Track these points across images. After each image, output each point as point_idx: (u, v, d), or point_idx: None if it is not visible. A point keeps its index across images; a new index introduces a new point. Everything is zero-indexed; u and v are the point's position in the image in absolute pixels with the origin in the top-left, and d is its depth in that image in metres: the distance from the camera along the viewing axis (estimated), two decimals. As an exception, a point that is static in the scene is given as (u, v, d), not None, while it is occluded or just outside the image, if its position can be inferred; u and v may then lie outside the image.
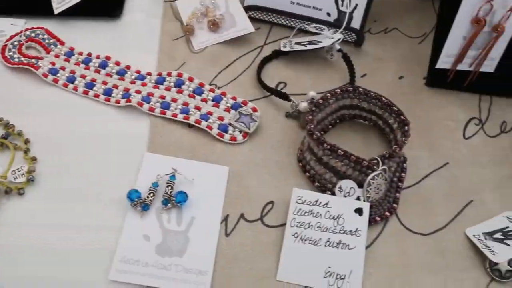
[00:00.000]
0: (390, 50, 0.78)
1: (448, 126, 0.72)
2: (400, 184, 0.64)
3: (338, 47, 0.72)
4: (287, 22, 0.77)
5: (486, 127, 0.73)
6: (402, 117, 0.63)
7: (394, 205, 0.62)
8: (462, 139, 0.71)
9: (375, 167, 0.59)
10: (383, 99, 0.64)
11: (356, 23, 0.76)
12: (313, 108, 0.62)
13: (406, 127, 0.62)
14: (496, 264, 0.59)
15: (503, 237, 0.61)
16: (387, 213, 0.61)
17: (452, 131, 0.71)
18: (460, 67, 0.72)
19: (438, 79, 0.74)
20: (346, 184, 0.60)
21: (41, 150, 0.61)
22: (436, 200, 0.64)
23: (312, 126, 0.60)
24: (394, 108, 0.64)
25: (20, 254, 0.54)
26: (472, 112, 0.74)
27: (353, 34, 0.76)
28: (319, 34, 0.74)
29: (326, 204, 0.59)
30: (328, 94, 0.64)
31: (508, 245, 0.60)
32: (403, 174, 0.65)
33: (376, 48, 0.78)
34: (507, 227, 0.63)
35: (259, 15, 0.76)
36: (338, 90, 0.64)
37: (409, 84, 0.75)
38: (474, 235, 0.62)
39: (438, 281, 0.58)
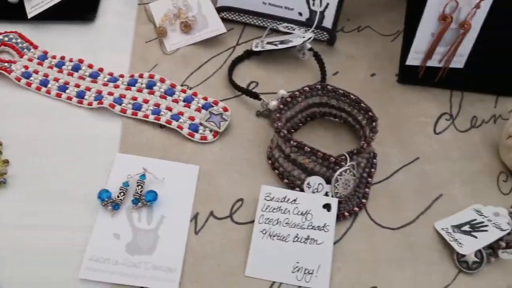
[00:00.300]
0: (363, 48, 0.80)
1: (419, 121, 0.73)
2: (369, 179, 0.65)
3: (309, 46, 0.73)
4: (260, 22, 0.78)
5: (457, 122, 0.74)
6: (370, 113, 0.64)
7: (364, 201, 0.63)
8: (433, 134, 0.72)
9: (342, 163, 0.60)
10: (351, 96, 0.65)
11: (328, 22, 0.77)
12: (281, 106, 0.64)
13: (374, 123, 0.63)
14: (464, 256, 0.61)
15: (470, 230, 0.63)
16: (356, 208, 0.62)
17: (423, 127, 0.72)
18: (430, 63, 0.73)
19: (409, 76, 0.75)
20: (314, 180, 0.61)
21: (14, 153, 0.62)
22: (406, 195, 0.65)
23: (279, 123, 0.61)
24: (362, 105, 0.65)
25: (-8, 255, 0.55)
26: (443, 108, 0.75)
27: (325, 33, 0.77)
28: (291, 33, 0.75)
29: (295, 200, 0.60)
30: (297, 92, 0.65)
31: (475, 237, 0.62)
32: (372, 169, 0.66)
33: (348, 46, 0.79)
34: (475, 220, 0.64)
35: (232, 16, 0.78)
36: (306, 88, 0.66)
37: (381, 81, 0.76)
38: (442, 228, 0.63)
39: (407, 274, 0.59)
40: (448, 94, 0.77)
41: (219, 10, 0.77)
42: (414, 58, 0.72)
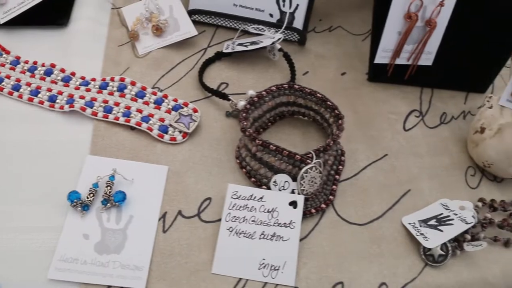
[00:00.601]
0: (333, 47, 0.81)
1: (389, 119, 0.74)
2: (337, 176, 0.66)
3: (279, 46, 0.75)
4: (231, 24, 0.79)
5: (426, 119, 0.76)
6: (336, 111, 0.66)
7: (331, 197, 0.64)
8: (402, 131, 0.74)
9: (308, 160, 0.61)
10: (318, 94, 0.67)
11: (298, 23, 0.79)
12: (248, 106, 0.65)
13: (340, 121, 0.65)
14: (430, 249, 0.62)
15: (436, 224, 0.64)
16: (323, 205, 0.64)
17: (392, 124, 0.74)
18: (399, 61, 0.75)
19: (378, 74, 0.77)
20: (281, 178, 0.62)
21: (-14, 157, 0.64)
22: (374, 191, 0.67)
23: (245, 123, 0.63)
24: (329, 103, 0.66)
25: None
26: (413, 105, 0.77)
27: (295, 34, 0.79)
28: (261, 34, 0.77)
29: (261, 198, 0.61)
30: (264, 92, 0.66)
31: (441, 230, 0.63)
32: (340, 167, 0.67)
33: (319, 46, 0.81)
34: (441, 214, 0.65)
35: (203, 18, 0.79)
36: (273, 87, 0.67)
37: (351, 80, 0.78)
38: (409, 223, 0.65)
39: (373, 268, 0.60)
40: (419, 91, 0.79)
41: (191, 13, 0.78)
42: (382, 57, 0.74)
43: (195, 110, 0.69)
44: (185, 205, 0.62)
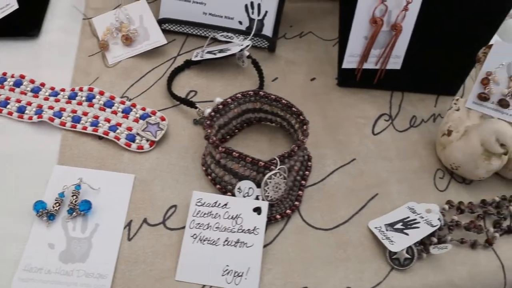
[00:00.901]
0: (304, 53, 0.82)
1: (357, 123, 0.75)
2: (303, 182, 0.67)
3: (247, 53, 0.76)
4: (201, 32, 0.81)
5: (396, 122, 0.77)
6: (301, 117, 0.67)
7: (296, 203, 0.65)
8: (371, 135, 0.75)
9: (272, 167, 0.62)
10: (283, 101, 0.68)
11: (267, 30, 0.80)
12: (212, 113, 0.66)
13: (304, 127, 0.66)
14: (396, 253, 0.63)
15: (403, 227, 0.65)
16: (289, 211, 0.64)
17: (361, 128, 0.75)
18: (366, 66, 0.76)
19: (348, 79, 0.78)
20: (245, 184, 0.63)
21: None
22: (341, 196, 0.67)
23: (209, 131, 0.64)
24: (294, 109, 0.67)
25: None
26: (383, 109, 0.78)
27: (265, 41, 0.80)
28: (230, 42, 0.78)
29: (225, 205, 0.62)
30: (229, 100, 0.67)
31: (407, 234, 0.64)
32: (307, 172, 0.68)
33: (290, 52, 0.82)
34: (408, 217, 0.66)
35: (174, 27, 0.81)
36: (239, 95, 0.68)
37: (321, 85, 0.79)
38: (376, 227, 0.65)
39: (339, 273, 0.61)
40: (389, 95, 0.80)
41: (161, 22, 0.80)
42: (349, 62, 0.75)
43: (162, 119, 0.70)
44: (151, 213, 0.63)
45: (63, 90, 0.72)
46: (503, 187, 0.73)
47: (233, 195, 0.64)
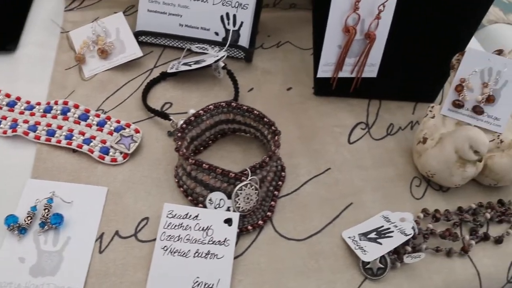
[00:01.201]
0: (280, 63, 0.83)
1: (333, 132, 0.76)
2: (276, 192, 0.67)
3: (222, 64, 0.77)
4: (178, 44, 0.82)
5: (373, 131, 0.77)
6: (273, 127, 0.67)
7: (269, 213, 0.66)
8: (347, 144, 0.75)
9: (243, 178, 0.63)
10: (255, 111, 0.68)
11: (243, 40, 0.80)
12: (184, 125, 0.67)
13: (276, 137, 0.66)
14: (369, 263, 0.63)
15: (376, 236, 0.65)
16: (260, 222, 0.65)
17: (337, 137, 0.75)
18: (342, 74, 0.76)
19: (324, 88, 0.78)
20: (216, 196, 0.63)
21: None
22: (314, 206, 0.68)
23: (179, 143, 0.64)
24: (266, 119, 0.68)
25: None
26: (359, 117, 0.78)
27: (241, 51, 0.81)
28: (206, 53, 0.79)
29: (196, 216, 0.63)
30: (201, 111, 0.68)
31: (380, 243, 0.64)
32: (280, 182, 0.68)
33: (267, 62, 0.83)
34: (382, 226, 0.66)
35: (150, 39, 0.81)
36: (211, 106, 0.69)
37: (297, 95, 0.79)
38: (349, 237, 0.66)
39: (311, 283, 0.61)
40: (366, 104, 0.80)
41: (138, 34, 0.81)
42: (324, 71, 0.75)
43: (137, 131, 0.71)
44: (123, 225, 0.63)
45: (38, 103, 0.73)
46: (480, 193, 0.74)
47: (205, 206, 0.64)
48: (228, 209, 0.63)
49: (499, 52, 0.73)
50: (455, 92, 0.72)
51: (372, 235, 0.65)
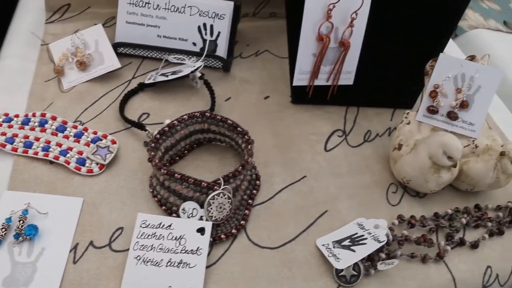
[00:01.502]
0: (259, 72, 0.84)
1: (310, 140, 0.76)
2: (250, 201, 0.68)
3: (199, 74, 0.78)
4: (156, 55, 0.83)
5: (350, 138, 0.78)
6: (246, 137, 0.68)
7: (242, 222, 0.66)
8: (323, 151, 0.76)
9: (216, 187, 0.64)
10: (229, 121, 0.69)
11: (221, 50, 0.82)
12: (158, 136, 0.68)
13: (249, 146, 0.67)
14: (342, 270, 0.63)
15: (350, 244, 0.65)
16: (234, 231, 0.65)
17: (313, 145, 0.76)
18: (318, 82, 0.77)
19: (301, 96, 0.79)
20: (189, 205, 0.64)
21: None
22: (289, 214, 0.68)
23: (152, 153, 0.65)
24: (239, 129, 0.69)
25: None
26: (337, 125, 0.79)
27: (218, 61, 0.82)
28: (184, 64, 0.80)
29: (169, 226, 0.63)
30: (175, 121, 0.69)
31: (354, 251, 0.64)
32: (254, 191, 0.69)
33: (245, 71, 0.84)
34: (356, 233, 0.67)
35: (129, 50, 0.83)
36: (185, 116, 0.70)
37: (274, 103, 0.80)
38: (323, 245, 0.66)
39: (283, 291, 0.62)
40: (344, 111, 0.81)
41: (116, 46, 0.82)
42: (300, 79, 0.76)
43: (113, 142, 0.72)
44: (98, 235, 0.64)
45: (17, 116, 0.74)
46: (457, 199, 0.74)
47: (179, 216, 0.65)
48: (201, 218, 0.64)
49: (472, 58, 0.74)
50: (429, 98, 0.73)
51: (346, 243, 0.66)
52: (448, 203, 0.73)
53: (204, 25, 0.81)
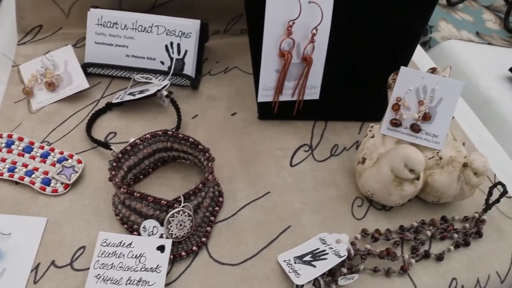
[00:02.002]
0: (227, 88, 0.85)
1: (275, 155, 0.77)
2: (212, 218, 0.69)
3: (165, 93, 0.79)
4: (125, 74, 0.84)
5: (316, 152, 0.78)
6: (207, 154, 0.69)
7: (203, 239, 0.67)
8: (289, 167, 0.77)
9: (176, 205, 0.65)
10: (190, 139, 0.70)
11: (189, 68, 0.83)
12: (120, 155, 0.69)
13: (210, 164, 0.68)
14: (302, 286, 0.64)
15: (311, 259, 0.66)
16: (195, 248, 0.66)
17: (279, 160, 0.77)
18: (283, 98, 0.78)
19: (267, 112, 0.80)
20: (150, 223, 0.65)
21: None
22: (251, 230, 0.69)
23: (113, 172, 0.66)
24: (200, 146, 0.70)
25: None
26: (303, 139, 0.80)
27: (186, 79, 0.83)
28: (151, 82, 0.81)
29: (130, 244, 0.65)
30: (138, 140, 0.71)
31: (314, 266, 0.65)
32: (217, 208, 0.70)
33: (213, 88, 0.85)
34: (318, 249, 0.67)
35: (98, 70, 0.84)
36: (147, 135, 0.71)
37: (242, 120, 0.82)
38: (284, 260, 0.67)
39: (242, 308, 0.62)
40: (312, 125, 0.82)
41: (85, 66, 0.84)
42: (264, 95, 0.77)
43: (79, 161, 0.73)
44: (60, 255, 0.65)
45: (-15, 138, 0.76)
46: (424, 211, 0.75)
47: (139, 234, 0.66)
48: (161, 236, 0.65)
49: (433, 70, 0.74)
50: (392, 111, 0.74)
51: (307, 258, 0.66)
52: (415, 216, 0.74)
53: (171, 43, 0.82)
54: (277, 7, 0.70)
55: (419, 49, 1.01)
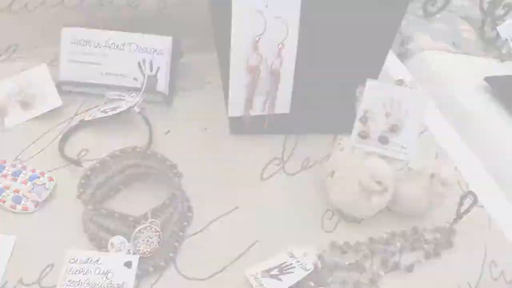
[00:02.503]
0: (201, 104, 0.87)
1: (245, 170, 0.79)
2: (180, 233, 0.70)
3: (137, 110, 0.81)
4: (99, 91, 0.86)
5: (287, 166, 0.80)
6: (174, 170, 0.70)
7: (171, 254, 0.68)
8: (259, 181, 0.78)
9: (143, 221, 0.66)
10: (158, 155, 0.72)
11: (161, 84, 0.85)
12: (88, 172, 0.70)
13: (177, 179, 0.69)
14: (269, 300, 0.64)
15: (278, 273, 0.67)
16: (162, 263, 0.67)
17: (248, 175, 0.78)
18: (253, 112, 0.79)
19: (239, 126, 0.81)
20: (117, 240, 0.66)
21: None
22: (220, 245, 0.70)
23: (81, 189, 0.68)
24: (168, 162, 0.71)
25: None
26: (275, 153, 0.81)
27: (159, 96, 0.85)
28: (123, 99, 0.83)
29: (97, 261, 0.66)
30: (107, 157, 0.72)
31: (281, 280, 0.66)
32: (185, 223, 0.71)
33: (187, 104, 0.87)
34: (285, 262, 0.68)
35: (73, 88, 0.86)
36: (117, 152, 0.72)
37: (214, 134, 0.83)
38: (252, 275, 0.67)
39: (207, 323, 0.63)
40: (283, 139, 0.83)
41: (60, 84, 0.85)
42: (235, 110, 0.79)
43: (50, 179, 0.75)
44: (28, 272, 0.66)
45: (-43, 158, 0.78)
46: (395, 222, 0.76)
47: (108, 251, 0.67)
48: (129, 252, 0.66)
49: (400, 82, 0.75)
50: (360, 123, 0.75)
51: (275, 272, 0.67)
52: (386, 227, 0.75)
53: (144, 61, 0.84)
54: (244, 23, 0.72)
55: (395, 60, 1.03)
